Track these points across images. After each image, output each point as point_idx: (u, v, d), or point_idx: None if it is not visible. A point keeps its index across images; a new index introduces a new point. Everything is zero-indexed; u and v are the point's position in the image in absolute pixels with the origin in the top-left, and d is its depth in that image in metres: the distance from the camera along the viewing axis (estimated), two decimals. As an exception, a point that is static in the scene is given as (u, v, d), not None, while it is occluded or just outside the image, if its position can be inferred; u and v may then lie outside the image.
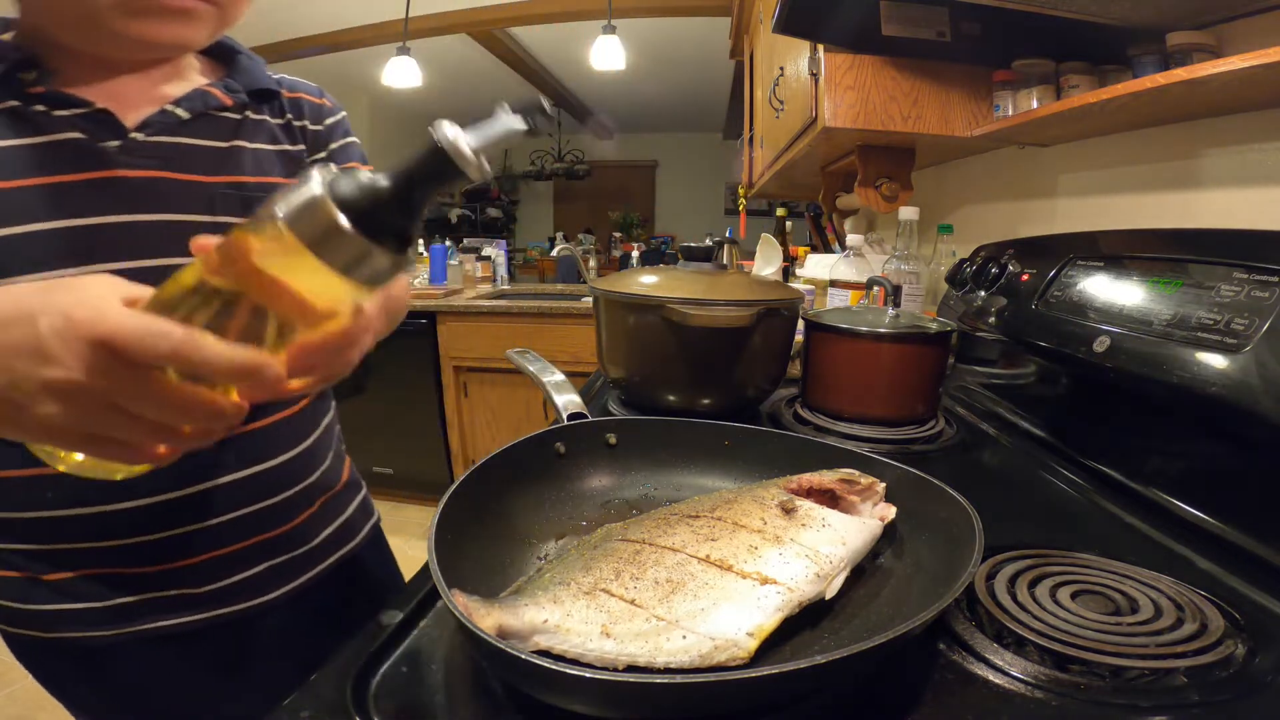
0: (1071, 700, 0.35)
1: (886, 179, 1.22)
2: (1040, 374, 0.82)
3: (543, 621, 0.35)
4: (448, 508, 0.41)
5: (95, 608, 0.56)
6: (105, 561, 0.56)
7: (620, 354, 0.81)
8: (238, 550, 0.61)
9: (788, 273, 1.75)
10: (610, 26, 3.17)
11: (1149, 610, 0.42)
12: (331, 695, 0.34)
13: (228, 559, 0.60)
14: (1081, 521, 0.60)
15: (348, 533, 0.73)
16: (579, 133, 6.63)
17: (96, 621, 0.56)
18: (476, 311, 2.56)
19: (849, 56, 1.04)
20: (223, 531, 0.59)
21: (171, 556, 0.57)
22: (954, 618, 0.41)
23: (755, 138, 2.14)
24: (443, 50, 4.08)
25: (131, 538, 0.56)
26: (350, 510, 0.74)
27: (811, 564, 0.40)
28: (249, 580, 0.62)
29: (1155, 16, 0.75)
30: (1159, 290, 0.63)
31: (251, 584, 0.62)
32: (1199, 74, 0.58)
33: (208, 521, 0.58)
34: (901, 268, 1.12)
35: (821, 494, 0.49)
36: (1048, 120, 0.84)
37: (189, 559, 0.58)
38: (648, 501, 0.55)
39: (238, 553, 0.61)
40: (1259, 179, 0.68)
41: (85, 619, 0.56)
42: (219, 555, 0.59)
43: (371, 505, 0.80)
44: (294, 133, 0.65)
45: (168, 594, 0.58)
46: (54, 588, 0.56)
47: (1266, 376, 0.49)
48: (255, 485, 0.61)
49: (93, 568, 0.56)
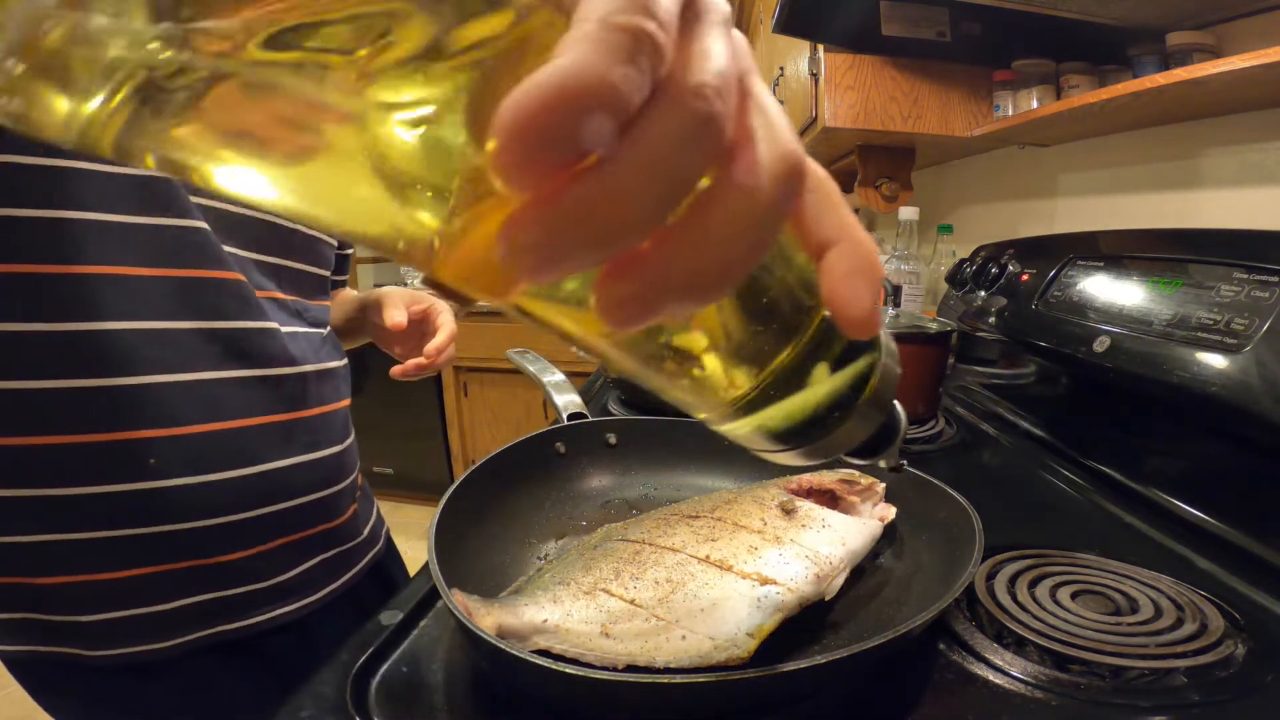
0: (1071, 700, 0.35)
1: (886, 179, 1.22)
2: (1040, 374, 0.82)
3: (542, 621, 0.35)
4: (448, 508, 0.41)
5: (154, 613, 0.52)
6: (161, 553, 0.52)
7: (620, 354, 0.81)
8: (304, 539, 0.60)
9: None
10: (610, 26, 3.17)
11: (1149, 610, 0.42)
12: (331, 695, 0.34)
13: (295, 547, 0.59)
14: (1081, 521, 0.60)
15: (375, 536, 0.73)
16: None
17: (152, 631, 0.52)
18: (476, 311, 2.56)
19: (849, 56, 1.04)
20: (287, 518, 0.58)
21: (236, 544, 0.55)
22: (954, 618, 0.41)
23: (755, 138, 2.14)
24: (443, 50, 4.08)
25: (192, 521, 0.52)
26: (373, 516, 0.75)
27: (811, 565, 0.40)
28: (309, 572, 0.60)
29: (1155, 16, 0.75)
30: (1159, 290, 0.63)
31: (310, 577, 0.61)
32: (1199, 74, 0.58)
33: (283, 504, 0.57)
34: (901, 268, 1.12)
35: (821, 494, 0.49)
36: (1048, 120, 0.84)
37: (254, 548, 0.56)
38: (648, 501, 0.55)
39: (302, 541, 0.60)
40: (1259, 179, 0.68)
41: (140, 628, 0.52)
42: (282, 545, 0.58)
43: (381, 514, 0.80)
44: None
45: (231, 593, 0.55)
46: (101, 591, 0.51)
47: (1266, 376, 0.49)
48: (325, 468, 0.60)
49: (146, 565, 0.52)
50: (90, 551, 0.50)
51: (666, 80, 0.12)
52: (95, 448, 0.49)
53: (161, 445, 0.51)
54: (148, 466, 0.50)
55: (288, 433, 0.57)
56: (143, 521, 0.51)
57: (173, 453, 0.51)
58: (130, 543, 0.51)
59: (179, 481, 0.51)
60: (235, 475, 0.54)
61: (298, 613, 0.60)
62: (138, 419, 0.50)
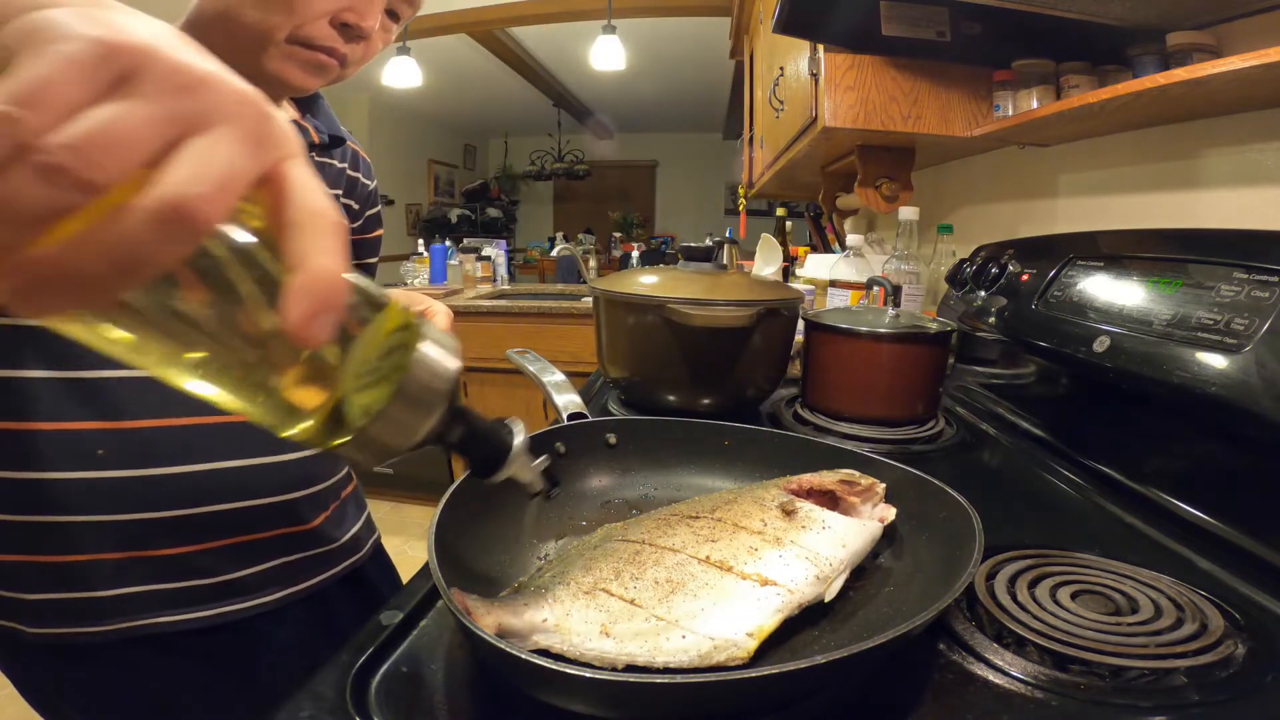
0: (1071, 700, 0.35)
1: (886, 179, 1.21)
2: (1040, 374, 0.82)
3: (542, 621, 0.35)
4: (448, 508, 0.41)
5: (94, 598, 0.54)
6: (105, 542, 0.54)
7: (620, 354, 0.81)
8: (260, 540, 0.60)
9: (788, 273, 1.75)
10: (610, 26, 3.17)
11: (1149, 610, 0.42)
12: (331, 695, 0.34)
13: (249, 547, 0.59)
14: (1081, 521, 0.60)
15: (356, 544, 0.73)
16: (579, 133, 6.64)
17: (87, 615, 0.54)
18: (476, 311, 2.56)
19: (849, 56, 1.04)
20: (253, 516, 0.58)
21: (179, 539, 0.56)
22: (954, 618, 0.41)
23: (755, 138, 2.14)
24: (443, 50, 4.08)
25: (148, 512, 0.54)
26: (359, 524, 0.75)
27: (811, 566, 0.40)
28: (264, 574, 0.61)
29: (1155, 16, 0.75)
30: (1159, 290, 0.63)
31: (265, 578, 0.61)
32: (1199, 74, 0.58)
33: (237, 503, 0.58)
34: (901, 268, 1.12)
35: (821, 495, 0.49)
36: (1048, 120, 0.84)
37: (209, 542, 0.57)
38: (648, 501, 0.55)
39: (259, 543, 0.60)
40: (1259, 179, 0.68)
41: (75, 611, 0.54)
42: (232, 544, 0.58)
43: (373, 523, 0.80)
44: (350, 183, 0.67)
45: (176, 586, 0.56)
46: (44, 571, 0.53)
47: (1266, 376, 0.49)
48: (286, 473, 0.61)
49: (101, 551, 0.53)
50: (36, 534, 0.53)
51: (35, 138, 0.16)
52: (48, 436, 0.51)
53: (109, 437, 0.53)
54: (95, 457, 0.52)
55: (245, 434, 0.58)
56: (89, 509, 0.53)
57: (119, 445, 0.53)
58: (76, 529, 0.53)
59: (125, 473, 0.53)
60: (182, 471, 0.55)
61: (245, 612, 0.60)
62: (89, 410, 0.52)
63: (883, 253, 1.31)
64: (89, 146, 0.17)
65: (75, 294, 0.18)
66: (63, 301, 0.18)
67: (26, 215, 0.17)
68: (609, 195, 7.09)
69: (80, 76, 0.17)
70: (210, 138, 0.19)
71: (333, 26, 0.55)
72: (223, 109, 0.19)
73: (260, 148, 0.20)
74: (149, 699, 0.57)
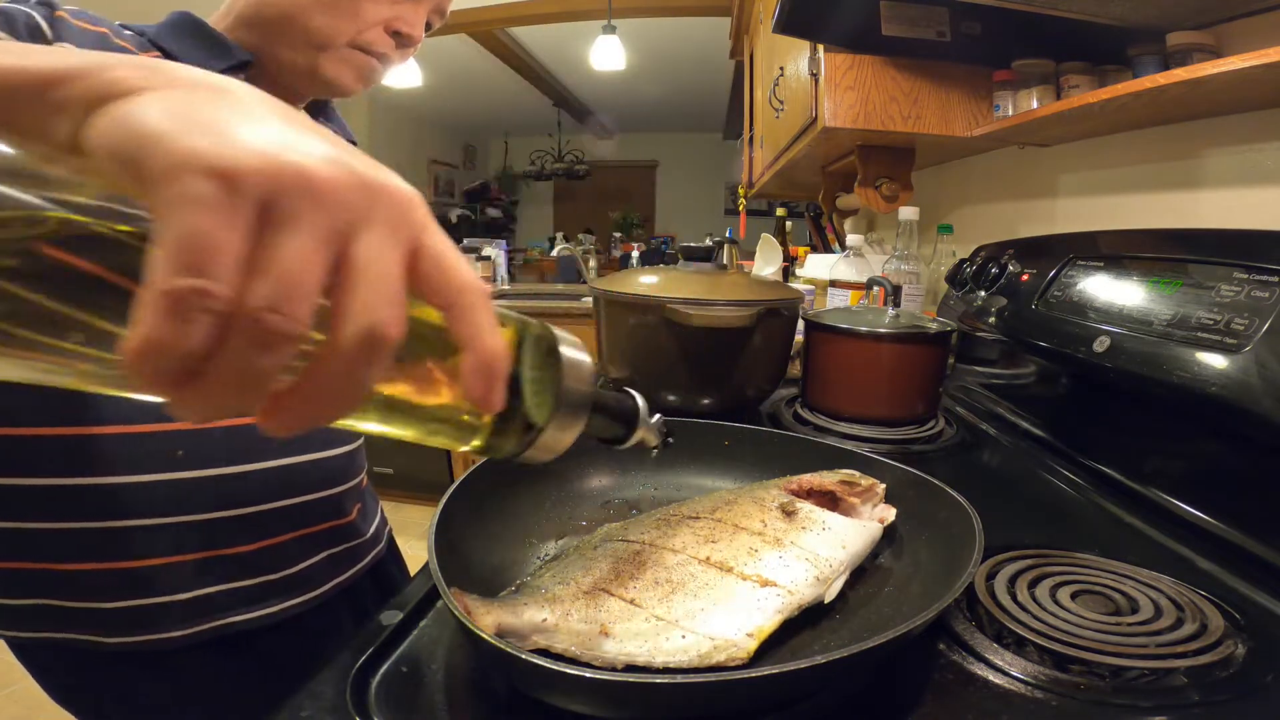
0: (1071, 700, 0.35)
1: (886, 179, 1.21)
2: (1040, 374, 0.82)
3: (542, 620, 0.35)
4: (448, 508, 0.41)
5: (172, 602, 0.53)
6: (191, 541, 0.54)
7: (620, 354, 0.81)
8: (312, 534, 0.62)
9: (788, 273, 1.75)
10: (610, 26, 3.17)
11: (1149, 610, 0.42)
12: (331, 695, 0.34)
13: (303, 541, 0.61)
14: (1081, 521, 0.60)
15: (378, 536, 0.74)
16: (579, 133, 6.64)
17: (168, 620, 0.53)
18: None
19: (849, 56, 1.04)
20: (306, 510, 0.60)
21: (248, 537, 0.57)
22: (954, 618, 0.41)
23: (755, 138, 2.14)
24: (443, 50, 4.08)
25: (223, 510, 0.55)
26: (378, 516, 0.76)
27: (811, 567, 0.40)
28: (317, 567, 0.62)
29: (1155, 16, 0.75)
30: (1159, 290, 0.63)
31: (317, 571, 0.62)
32: (1199, 74, 0.58)
33: (294, 499, 0.59)
34: (901, 268, 1.12)
35: (821, 495, 0.49)
36: (1048, 120, 0.84)
37: (273, 538, 0.58)
38: (648, 501, 0.55)
39: (311, 536, 0.61)
40: (1259, 179, 0.68)
41: (156, 616, 0.53)
42: (291, 539, 0.60)
43: (385, 516, 0.81)
44: None
45: (248, 583, 0.57)
46: (118, 578, 0.52)
47: (1266, 376, 0.49)
48: (328, 468, 0.63)
49: (179, 553, 0.53)
50: (107, 540, 0.52)
51: (235, 307, 0.17)
52: (122, 439, 0.52)
53: (188, 438, 0.53)
54: (174, 458, 0.53)
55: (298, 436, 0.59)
56: (166, 511, 0.53)
57: (197, 445, 0.54)
58: (152, 532, 0.53)
59: (202, 473, 0.54)
60: (250, 469, 0.56)
61: (298, 608, 0.61)
62: (166, 414, 0.52)
63: (883, 253, 1.31)
64: (282, 300, 0.17)
65: (313, 421, 0.20)
66: (303, 424, 0.20)
67: (267, 378, 0.18)
68: (609, 195, 7.08)
69: (229, 224, 0.17)
70: (364, 249, 0.19)
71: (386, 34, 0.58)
72: (359, 209, 0.19)
73: (400, 235, 0.20)
74: (214, 701, 0.57)
